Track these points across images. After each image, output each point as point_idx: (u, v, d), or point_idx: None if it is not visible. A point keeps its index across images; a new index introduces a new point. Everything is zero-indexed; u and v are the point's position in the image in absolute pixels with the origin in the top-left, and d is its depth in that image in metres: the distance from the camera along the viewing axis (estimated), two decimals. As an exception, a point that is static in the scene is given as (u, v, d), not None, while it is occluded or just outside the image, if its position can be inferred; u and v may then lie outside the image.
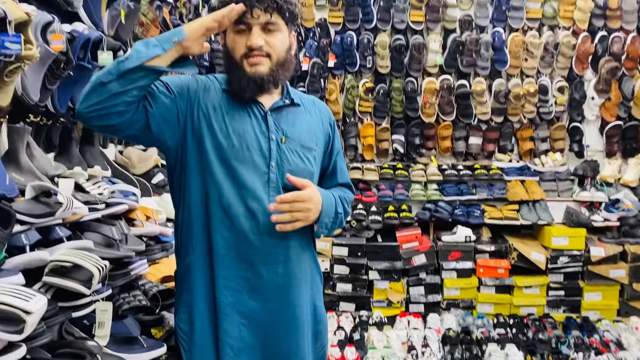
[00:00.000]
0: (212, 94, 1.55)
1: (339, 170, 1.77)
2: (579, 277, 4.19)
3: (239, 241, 1.51)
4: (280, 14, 1.51)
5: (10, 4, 1.66)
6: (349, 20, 4.52)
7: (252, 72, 1.50)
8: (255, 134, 1.53)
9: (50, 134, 2.29)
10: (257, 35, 1.49)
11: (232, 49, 1.53)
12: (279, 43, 1.53)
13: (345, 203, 1.72)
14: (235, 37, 1.52)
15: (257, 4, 1.46)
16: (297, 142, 1.59)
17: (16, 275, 1.32)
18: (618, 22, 4.39)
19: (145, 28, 3.08)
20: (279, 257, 1.54)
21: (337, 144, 1.76)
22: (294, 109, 1.63)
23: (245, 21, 1.48)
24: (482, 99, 4.45)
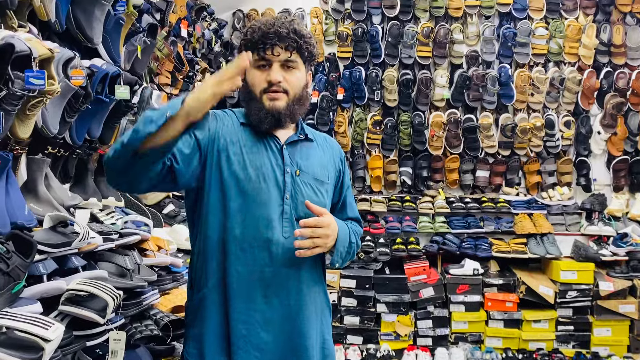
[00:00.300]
0: (230, 128, 1.60)
1: (348, 205, 1.81)
2: (588, 312, 4.16)
3: (253, 273, 1.53)
4: (300, 53, 1.58)
5: (35, 41, 1.74)
6: (357, 55, 4.62)
7: (270, 106, 1.55)
8: (272, 167, 1.57)
9: (67, 165, 2.35)
10: (277, 71, 1.55)
11: (251, 84, 1.58)
12: (296, 80, 1.58)
13: (356, 235, 1.75)
14: (256, 73, 1.57)
15: (278, 42, 1.53)
16: (311, 175, 1.62)
17: (35, 304, 1.35)
18: (623, 58, 4.46)
19: (160, 62, 3.17)
20: (291, 289, 1.56)
21: (347, 179, 1.81)
22: (308, 144, 1.68)
23: (266, 57, 1.55)
24: (489, 133, 4.50)
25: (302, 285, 1.58)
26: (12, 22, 1.81)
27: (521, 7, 4.51)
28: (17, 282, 1.32)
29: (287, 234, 1.54)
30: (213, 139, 1.56)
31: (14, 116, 1.71)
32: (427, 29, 4.48)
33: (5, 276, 1.27)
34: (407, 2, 4.54)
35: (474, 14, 4.57)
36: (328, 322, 1.72)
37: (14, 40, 1.56)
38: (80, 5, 2.16)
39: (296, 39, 1.56)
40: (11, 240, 1.38)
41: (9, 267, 1.28)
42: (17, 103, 1.66)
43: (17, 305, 1.33)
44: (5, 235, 1.42)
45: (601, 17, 4.52)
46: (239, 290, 1.52)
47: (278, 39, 1.53)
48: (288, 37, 1.54)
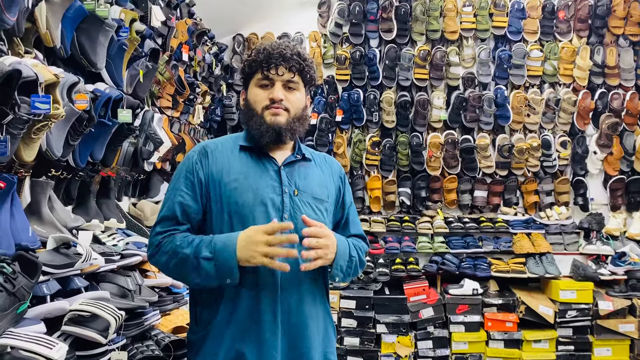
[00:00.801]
0: (222, 158, 1.64)
1: (351, 222, 1.81)
2: (588, 332, 4.16)
3: (257, 296, 1.53)
4: (301, 76, 1.65)
5: (41, 67, 1.78)
6: (355, 78, 4.69)
7: (271, 121, 1.60)
8: (269, 189, 1.59)
9: (70, 187, 2.38)
10: (279, 90, 1.61)
11: (253, 102, 1.64)
12: (297, 100, 1.65)
13: (360, 251, 1.74)
14: (258, 91, 1.63)
15: (282, 63, 1.60)
16: (309, 195, 1.64)
17: (39, 324, 1.37)
18: (617, 79, 4.54)
19: (161, 86, 3.23)
20: (292, 308, 1.56)
21: (348, 197, 1.82)
22: (306, 164, 1.71)
23: (269, 77, 1.61)
24: (486, 153, 4.55)
25: (304, 305, 1.58)
26: (18, 48, 1.86)
27: (516, 30, 4.59)
28: (22, 302, 1.34)
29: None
30: (207, 179, 1.61)
31: (19, 140, 1.74)
32: (424, 52, 4.56)
33: (11, 296, 1.29)
34: (403, 26, 4.63)
35: (470, 37, 4.65)
36: (332, 341, 1.71)
37: (21, 66, 1.61)
38: (85, 31, 2.21)
39: (299, 61, 1.62)
40: (17, 261, 1.41)
41: (14, 288, 1.30)
42: (22, 127, 1.70)
43: (22, 326, 1.35)
44: (11, 257, 1.45)
45: (594, 39, 4.60)
46: (246, 313, 1.53)
47: (282, 59, 1.60)
48: (292, 58, 1.61)
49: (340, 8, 4.69)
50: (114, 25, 2.32)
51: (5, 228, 1.62)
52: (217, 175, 1.60)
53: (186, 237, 1.54)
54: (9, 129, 1.66)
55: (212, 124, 4.53)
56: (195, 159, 1.64)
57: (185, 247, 1.51)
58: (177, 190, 1.61)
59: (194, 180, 1.61)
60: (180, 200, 1.59)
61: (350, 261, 1.66)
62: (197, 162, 1.63)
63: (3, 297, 1.28)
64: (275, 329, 1.53)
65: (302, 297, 1.58)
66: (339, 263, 1.60)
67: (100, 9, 2.23)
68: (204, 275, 1.48)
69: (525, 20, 4.61)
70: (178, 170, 1.67)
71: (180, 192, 1.60)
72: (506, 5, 4.61)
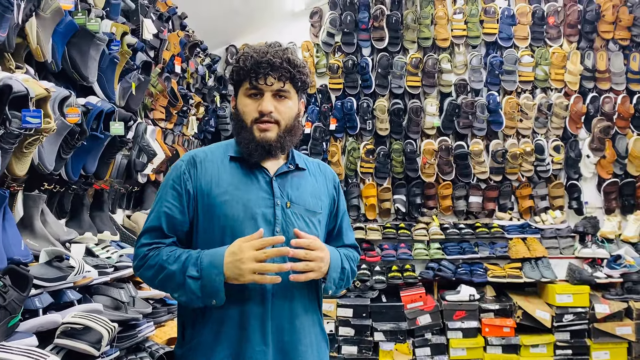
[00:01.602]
0: (212, 169, 1.57)
1: (344, 232, 1.75)
2: (585, 335, 4.16)
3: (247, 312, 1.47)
4: (292, 83, 1.55)
5: (32, 82, 1.80)
6: (348, 87, 4.72)
7: (260, 137, 1.52)
8: (260, 201, 1.52)
9: (63, 200, 2.38)
10: (268, 101, 1.52)
11: (242, 113, 1.55)
12: (288, 111, 1.55)
13: (351, 261, 1.69)
14: (247, 101, 1.54)
15: (271, 72, 1.50)
16: (302, 207, 1.58)
17: (30, 338, 1.38)
18: (607, 83, 4.57)
19: (154, 98, 3.24)
20: (284, 324, 1.50)
21: (342, 205, 1.75)
22: (299, 173, 1.63)
23: (258, 87, 1.52)
24: (480, 159, 4.57)
25: (296, 320, 1.52)
26: (9, 63, 1.88)
27: (506, 36, 4.63)
28: (13, 315, 1.35)
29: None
30: (196, 190, 1.54)
31: (10, 154, 1.75)
32: (416, 60, 4.59)
33: (2, 310, 1.30)
34: (395, 34, 4.67)
35: (461, 44, 4.69)
36: (325, 355, 1.65)
37: (12, 82, 1.62)
38: (76, 45, 2.23)
39: (289, 68, 1.53)
40: (8, 275, 1.42)
41: (5, 301, 1.31)
42: (14, 141, 1.71)
43: (13, 339, 1.36)
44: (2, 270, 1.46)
45: (584, 44, 4.64)
46: (234, 329, 1.47)
47: (271, 68, 1.50)
48: (281, 67, 1.51)
49: (332, 18, 4.72)
50: (105, 39, 2.33)
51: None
52: (206, 187, 1.53)
53: (173, 252, 1.47)
54: (0, 144, 1.67)
55: (206, 135, 4.55)
56: (183, 168, 1.56)
57: (171, 263, 1.44)
58: (164, 200, 1.54)
59: (181, 191, 1.54)
60: (166, 211, 1.52)
61: (343, 273, 1.61)
62: (185, 172, 1.55)
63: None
64: (266, 348, 1.46)
65: (294, 312, 1.52)
66: (332, 276, 1.54)
67: (91, 23, 2.25)
68: (189, 293, 1.42)
69: (516, 27, 4.65)
70: (165, 180, 1.59)
71: (166, 203, 1.53)
72: (496, 12, 4.65)
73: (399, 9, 4.73)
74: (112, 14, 2.58)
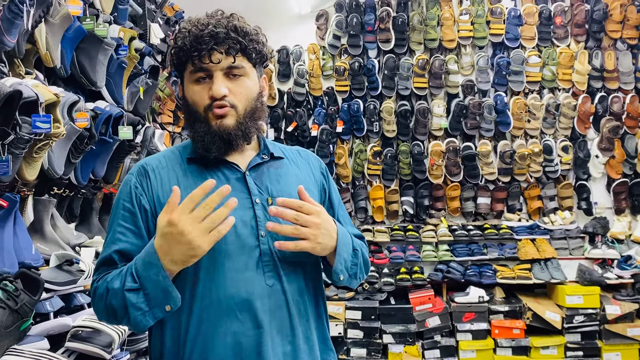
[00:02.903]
0: (170, 174, 1.30)
1: (342, 223, 1.43)
2: (596, 337, 4.12)
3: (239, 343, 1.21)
4: (246, 56, 1.28)
5: (41, 87, 1.81)
6: (355, 89, 4.72)
7: (217, 126, 1.26)
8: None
9: (72, 204, 2.40)
10: (220, 82, 1.25)
11: (193, 102, 1.28)
12: (245, 90, 1.28)
13: (362, 247, 1.40)
14: (195, 88, 1.27)
15: (216, 47, 1.23)
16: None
17: (42, 341, 1.39)
18: (616, 83, 4.54)
19: (162, 102, 3.26)
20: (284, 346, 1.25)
21: (334, 193, 1.48)
22: (277, 164, 1.37)
23: (204, 67, 1.25)
24: (488, 160, 4.55)
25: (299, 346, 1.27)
26: (19, 69, 1.90)
27: (513, 36, 4.62)
28: (25, 319, 1.36)
29: (270, 280, 1.24)
30: (152, 204, 1.27)
31: (21, 159, 1.77)
32: (422, 61, 4.59)
33: (14, 314, 1.31)
34: (401, 36, 4.66)
35: (468, 45, 4.68)
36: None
37: (22, 87, 1.64)
38: (84, 50, 2.25)
39: (238, 38, 1.25)
40: (19, 279, 1.43)
41: (17, 305, 1.32)
42: (24, 146, 1.73)
43: (25, 342, 1.37)
44: (14, 274, 1.47)
45: (592, 43, 4.61)
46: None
47: (215, 42, 1.23)
48: (228, 37, 1.24)
49: (338, 20, 4.73)
50: (113, 44, 2.35)
51: (9, 247, 1.64)
52: (165, 199, 1.23)
53: (120, 270, 1.19)
54: (10, 149, 1.69)
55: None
56: (133, 182, 1.29)
57: (115, 281, 1.16)
58: (115, 226, 1.27)
59: (134, 210, 1.26)
60: (119, 237, 1.25)
61: (355, 256, 1.33)
62: (137, 185, 1.28)
63: (6, 315, 1.30)
64: None
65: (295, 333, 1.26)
66: (341, 255, 1.26)
67: (99, 29, 2.27)
68: (134, 311, 1.12)
69: (523, 27, 4.63)
70: (116, 199, 1.31)
71: (117, 229, 1.26)
72: (503, 13, 4.63)
73: (405, 11, 4.73)
74: (119, 19, 2.61)
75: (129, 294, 1.12)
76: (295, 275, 1.28)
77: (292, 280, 1.27)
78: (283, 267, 1.25)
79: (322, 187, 1.45)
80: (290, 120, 4.75)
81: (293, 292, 1.26)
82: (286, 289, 1.25)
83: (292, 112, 4.76)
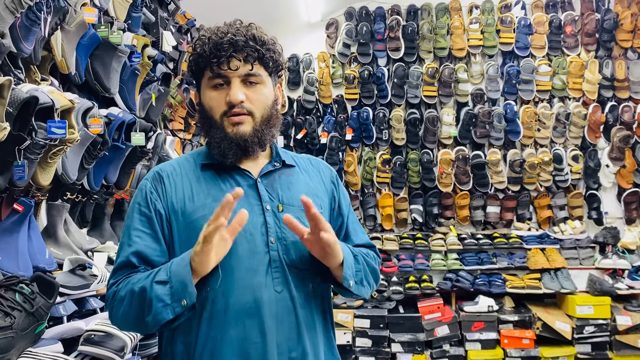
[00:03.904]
0: (184, 180, 1.33)
1: (352, 231, 1.47)
2: (607, 348, 4.09)
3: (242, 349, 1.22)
4: (263, 64, 1.31)
5: (56, 93, 1.84)
6: (364, 97, 4.73)
7: (233, 132, 1.29)
8: (247, 209, 1.18)
9: (84, 210, 2.42)
10: (237, 89, 1.28)
11: (209, 108, 1.31)
12: (262, 98, 1.32)
13: (365, 258, 1.41)
14: (212, 94, 1.30)
15: (235, 54, 1.27)
16: (297, 208, 1.29)
17: (56, 344, 1.40)
18: (627, 92, 4.53)
19: (173, 109, 3.29)
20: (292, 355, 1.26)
21: (344, 202, 1.48)
22: (288, 171, 1.40)
23: (222, 74, 1.28)
24: (498, 169, 4.54)
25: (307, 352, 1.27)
26: (35, 76, 1.92)
27: (523, 45, 4.62)
28: (40, 322, 1.37)
29: (279, 287, 1.25)
30: (167, 209, 1.30)
31: (36, 164, 1.79)
32: (432, 69, 4.60)
33: (30, 316, 1.32)
34: (411, 44, 4.68)
35: (477, 54, 4.69)
36: None
37: (38, 93, 1.66)
38: (99, 57, 2.28)
39: (256, 47, 1.29)
40: (35, 282, 1.44)
41: (33, 308, 1.33)
42: (39, 152, 1.75)
43: (40, 346, 1.38)
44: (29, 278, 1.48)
45: (603, 52, 4.61)
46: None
47: (234, 49, 1.27)
48: (247, 45, 1.28)
49: (347, 28, 4.75)
50: (127, 51, 2.38)
51: (23, 250, 1.65)
52: (179, 205, 1.29)
53: (144, 273, 1.23)
54: (26, 154, 1.71)
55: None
56: (148, 188, 1.32)
57: (142, 281, 1.19)
58: (132, 229, 1.29)
59: (150, 214, 1.29)
60: (136, 241, 1.27)
61: (357, 262, 1.34)
62: (152, 190, 1.31)
63: (22, 317, 1.31)
64: None
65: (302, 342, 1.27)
66: (348, 261, 1.28)
67: (114, 36, 2.30)
68: (156, 303, 1.15)
69: (533, 36, 4.63)
70: (131, 205, 1.33)
71: (135, 232, 1.28)
72: (513, 22, 4.64)
73: (414, 19, 4.75)
74: (133, 27, 2.64)
75: (157, 286, 1.15)
76: (304, 282, 1.29)
77: (300, 286, 1.28)
78: (292, 274, 1.26)
79: (332, 195, 1.46)
80: (299, 128, 4.76)
81: (301, 298, 1.27)
82: (294, 296, 1.26)
83: (301, 120, 4.78)
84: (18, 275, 1.47)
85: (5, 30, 1.65)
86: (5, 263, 1.57)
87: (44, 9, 1.80)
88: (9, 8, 1.65)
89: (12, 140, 1.63)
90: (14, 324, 1.30)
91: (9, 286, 1.37)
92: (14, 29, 1.72)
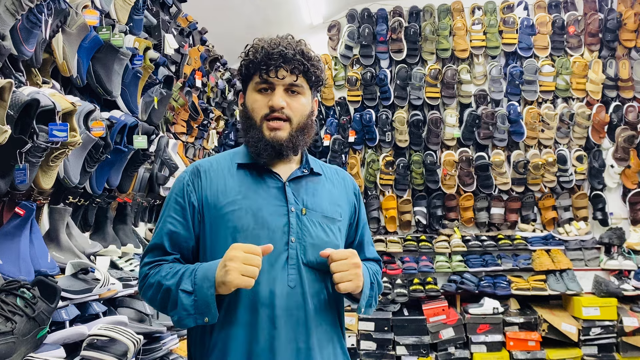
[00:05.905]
0: (217, 178, 1.44)
1: (366, 244, 1.61)
2: (613, 349, 4.06)
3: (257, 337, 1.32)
4: (306, 78, 1.43)
5: (58, 96, 1.82)
6: (367, 99, 4.72)
7: (270, 136, 1.40)
8: (272, 209, 1.38)
9: (87, 213, 2.40)
10: (280, 95, 1.40)
11: (251, 109, 1.43)
12: (301, 107, 1.43)
13: (376, 275, 1.54)
14: (257, 97, 1.42)
15: (283, 65, 1.39)
16: (319, 213, 1.43)
17: (58, 349, 1.38)
18: (631, 92, 4.50)
19: (176, 112, 3.27)
20: (300, 351, 1.34)
21: (363, 215, 1.61)
22: (315, 179, 1.50)
23: (269, 80, 1.40)
24: (502, 170, 4.52)
25: (313, 346, 1.35)
26: (36, 78, 1.91)
27: (526, 46, 4.60)
28: (42, 327, 1.35)
29: (292, 282, 1.35)
30: (199, 203, 1.42)
31: (37, 168, 1.77)
32: (435, 71, 4.58)
33: (31, 321, 1.30)
34: (413, 46, 4.66)
35: (480, 55, 4.67)
36: None
37: (39, 96, 1.64)
38: (100, 60, 2.26)
39: (303, 61, 1.41)
40: (36, 286, 1.42)
41: (34, 312, 1.31)
42: (41, 155, 1.73)
43: (42, 351, 1.36)
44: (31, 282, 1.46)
45: (606, 52, 4.59)
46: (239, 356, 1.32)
47: (283, 60, 1.39)
48: (294, 59, 1.40)
49: (350, 31, 4.74)
50: (129, 54, 2.36)
51: (25, 255, 1.64)
52: (212, 198, 1.40)
53: (172, 268, 1.35)
54: (27, 157, 1.69)
55: (226, 148, 4.58)
56: (186, 180, 1.44)
57: (169, 279, 1.32)
58: (166, 217, 1.43)
59: (185, 205, 1.41)
60: (170, 228, 1.40)
61: (372, 289, 1.46)
62: (189, 183, 1.43)
63: (23, 322, 1.29)
64: None
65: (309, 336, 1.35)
66: (365, 293, 1.41)
67: (115, 39, 2.28)
68: (181, 310, 1.29)
69: (535, 37, 4.62)
70: (169, 194, 1.47)
71: (169, 219, 1.41)
72: (515, 22, 4.62)
73: (417, 21, 4.74)
74: (134, 30, 2.62)
75: (182, 295, 1.28)
76: (317, 281, 1.39)
77: (313, 285, 1.38)
78: (306, 272, 1.36)
79: (353, 207, 1.57)
80: (302, 130, 4.74)
81: (312, 296, 1.37)
82: (306, 292, 1.35)
83: (304, 122, 4.76)
84: (19, 279, 1.45)
85: (6, 32, 1.64)
86: (6, 267, 1.56)
87: (45, 11, 1.79)
88: (10, 10, 1.63)
89: (13, 144, 1.61)
90: (15, 329, 1.28)
91: (10, 291, 1.36)
92: (14, 31, 1.70)
